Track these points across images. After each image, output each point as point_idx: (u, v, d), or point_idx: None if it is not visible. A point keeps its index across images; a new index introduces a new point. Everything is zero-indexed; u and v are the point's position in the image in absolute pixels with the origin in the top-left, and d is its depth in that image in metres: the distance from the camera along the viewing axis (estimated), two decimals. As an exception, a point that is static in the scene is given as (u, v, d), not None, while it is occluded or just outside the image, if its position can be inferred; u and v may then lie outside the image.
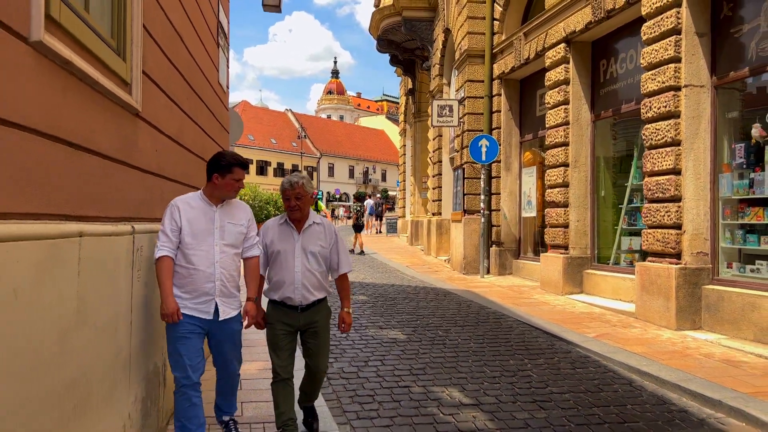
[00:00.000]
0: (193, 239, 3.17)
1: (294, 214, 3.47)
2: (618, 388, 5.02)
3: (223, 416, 3.60)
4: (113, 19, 2.83)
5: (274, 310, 3.58)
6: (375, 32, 18.23)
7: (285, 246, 3.49)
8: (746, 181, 6.66)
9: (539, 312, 8.07)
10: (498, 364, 5.62)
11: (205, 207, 3.28)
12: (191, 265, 3.16)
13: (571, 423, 4.20)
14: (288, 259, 3.48)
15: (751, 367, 5.39)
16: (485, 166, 11.84)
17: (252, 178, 50.50)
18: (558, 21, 9.62)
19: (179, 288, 3.15)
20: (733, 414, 4.37)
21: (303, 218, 3.52)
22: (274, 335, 3.54)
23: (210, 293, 3.21)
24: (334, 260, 3.63)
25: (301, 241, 3.51)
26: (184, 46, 4.32)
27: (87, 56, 2.37)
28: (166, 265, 3.10)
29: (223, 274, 3.26)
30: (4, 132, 1.75)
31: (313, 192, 3.56)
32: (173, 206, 3.20)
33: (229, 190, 3.31)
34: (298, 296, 3.49)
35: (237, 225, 3.36)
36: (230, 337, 3.41)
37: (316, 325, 3.59)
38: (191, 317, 3.17)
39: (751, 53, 6.58)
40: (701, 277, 6.90)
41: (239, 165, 3.32)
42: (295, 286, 3.47)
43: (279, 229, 3.56)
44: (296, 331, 3.58)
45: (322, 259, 3.56)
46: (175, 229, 3.14)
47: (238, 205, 3.47)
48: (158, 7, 3.51)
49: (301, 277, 3.48)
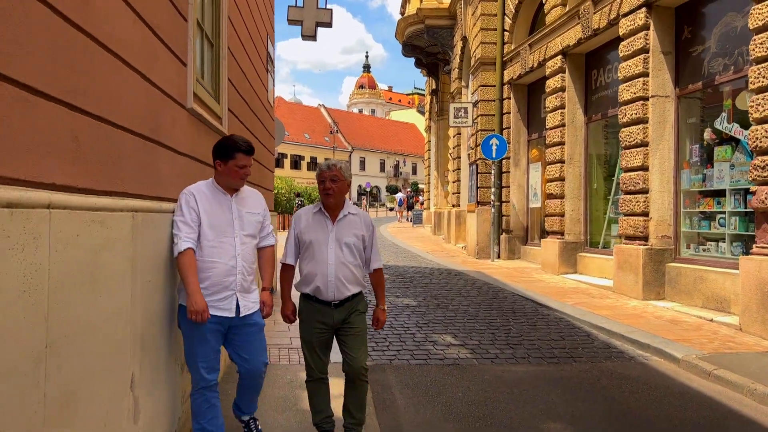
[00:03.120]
0: (212, 230, 2.93)
1: (329, 198, 3.24)
2: (576, 337, 6.51)
3: (243, 415, 3.37)
4: (213, 79, 4.46)
5: (306, 305, 3.35)
6: (401, 38, 19.77)
7: (318, 236, 3.27)
8: (700, 176, 8.00)
9: (534, 287, 9.54)
10: (486, 322, 7.16)
11: (220, 196, 3.05)
12: (211, 259, 2.92)
13: (530, 356, 5.73)
14: (321, 250, 3.25)
15: (688, 324, 6.80)
16: (495, 162, 13.29)
17: (286, 172, 52.67)
18: (556, 36, 11.00)
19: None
20: (656, 353, 5.83)
21: (338, 206, 3.30)
22: (307, 333, 3.35)
23: (231, 288, 2.97)
24: (368, 253, 3.41)
25: (336, 231, 3.27)
26: (248, 82, 5.97)
27: (205, 108, 4.01)
28: (189, 258, 2.83)
29: (244, 267, 3.04)
30: (173, 155, 3.37)
31: (350, 179, 3.33)
32: (187, 194, 2.95)
33: (233, 178, 3.05)
34: (331, 290, 3.24)
35: (254, 214, 3.17)
36: (254, 334, 3.15)
37: (352, 322, 3.33)
38: (211, 316, 2.90)
39: (704, 69, 7.90)
40: (665, 256, 8.28)
41: (243, 150, 3.04)
42: (329, 279, 3.23)
43: (312, 218, 3.33)
44: (331, 328, 3.34)
45: (357, 251, 3.32)
46: (195, 219, 2.89)
47: (252, 193, 3.26)
48: (236, 63, 5.15)
49: (335, 269, 3.23)
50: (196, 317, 2.81)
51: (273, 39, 8.30)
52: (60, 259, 1.77)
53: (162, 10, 2.99)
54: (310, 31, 8.85)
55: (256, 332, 3.16)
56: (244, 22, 5.73)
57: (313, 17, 8.83)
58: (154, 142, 2.83)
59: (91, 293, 2.03)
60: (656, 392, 4.74)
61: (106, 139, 2.23)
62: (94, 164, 2.13)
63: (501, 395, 4.60)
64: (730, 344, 5.93)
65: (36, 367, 1.64)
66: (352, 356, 3.31)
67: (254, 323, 3.14)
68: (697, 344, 5.88)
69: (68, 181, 1.91)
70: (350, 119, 76.65)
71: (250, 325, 3.12)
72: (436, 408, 4.30)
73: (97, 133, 2.16)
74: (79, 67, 2.01)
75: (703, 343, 5.95)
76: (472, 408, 4.30)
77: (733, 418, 4.23)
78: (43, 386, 1.68)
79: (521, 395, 4.60)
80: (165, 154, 3.07)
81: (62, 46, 1.88)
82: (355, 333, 3.34)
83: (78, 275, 1.93)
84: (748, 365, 5.19)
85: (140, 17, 2.62)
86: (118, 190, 2.34)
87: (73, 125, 1.96)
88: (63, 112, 1.89)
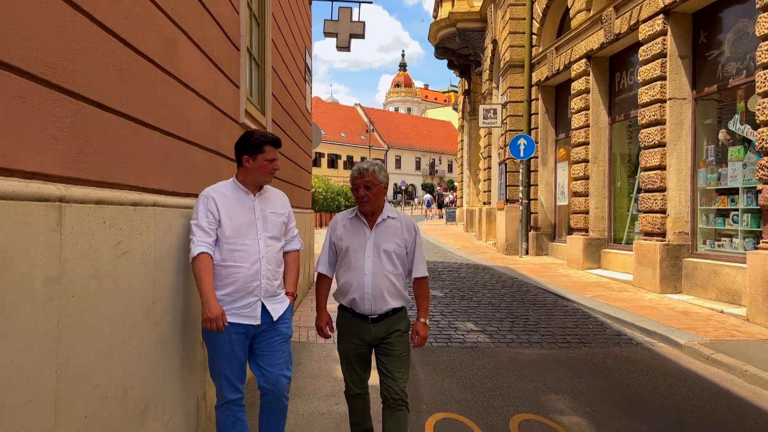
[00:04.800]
0: (234, 233, 2.75)
1: (364, 206, 2.99)
2: (590, 326, 7.01)
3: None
4: (259, 94, 5.18)
5: (343, 317, 3.12)
6: (433, 41, 20.34)
7: (354, 243, 3.02)
8: (716, 175, 8.36)
9: (556, 281, 10.01)
10: (507, 312, 7.71)
11: (241, 196, 2.86)
12: (234, 263, 2.75)
13: (544, 341, 6.27)
14: (358, 259, 3.00)
15: (698, 315, 7.21)
16: (523, 162, 13.75)
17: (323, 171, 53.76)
18: (580, 40, 11.41)
19: (219, 291, 2.73)
20: (662, 340, 6.29)
21: (375, 212, 3.04)
22: (344, 347, 3.12)
23: (256, 294, 2.79)
24: (411, 260, 3.12)
25: (374, 238, 3.01)
26: (289, 94, 6.69)
27: (254, 121, 4.71)
28: (205, 263, 2.67)
29: (269, 271, 2.85)
30: (229, 162, 4.07)
31: (386, 181, 3.04)
32: (206, 197, 2.77)
33: (263, 173, 2.86)
34: (368, 303, 2.98)
35: (279, 215, 2.97)
36: (278, 344, 2.92)
37: (393, 343, 3.04)
38: (233, 325, 2.74)
39: (719, 73, 8.26)
40: (682, 252, 8.66)
41: (271, 143, 2.88)
42: (365, 290, 2.97)
43: (349, 224, 3.09)
44: (369, 345, 3.08)
45: (398, 259, 3.04)
46: (213, 222, 2.72)
47: (276, 193, 3.08)
48: (278, 79, 5.86)
49: (373, 280, 2.97)
50: (211, 325, 2.63)
51: (311, 51, 9.02)
52: (159, 241, 2.48)
53: (222, 45, 3.69)
54: (344, 42, 9.56)
55: (280, 342, 2.92)
56: (285, 41, 6.45)
57: (347, 30, 9.53)
58: (217, 154, 3.54)
59: (177, 269, 2.74)
60: (654, 372, 5.24)
61: (185, 155, 2.95)
62: (179, 174, 2.85)
63: (512, 372, 5.18)
64: (734, 333, 6.34)
65: (147, 315, 2.35)
66: (390, 382, 3.00)
67: (279, 332, 2.92)
68: (702, 332, 6.32)
69: (163, 186, 2.62)
70: (386, 118, 77.42)
71: (276, 333, 2.90)
72: (452, 381, 4.92)
73: (180, 150, 2.88)
74: (168, 101, 2.71)
75: (708, 331, 6.38)
76: (484, 381, 4.90)
77: (720, 395, 4.71)
78: (154, 329, 2.40)
79: (530, 373, 5.18)
80: (224, 163, 3.77)
81: (158, 88, 2.59)
82: (395, 356, 3.03)
83: (168, 254, 2.63)
84: (745, 351, 5.62)
85: (207, 55, 3.32)
86: (194, 192, 3.03)
87: (165, 146, 2.67)
88: (159, 136, 2.59)
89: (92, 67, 1.93)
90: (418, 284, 3.16)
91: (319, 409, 4.01)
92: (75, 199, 1.72)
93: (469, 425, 3.95)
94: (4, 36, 1.45)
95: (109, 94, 2.06)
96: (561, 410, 4.30)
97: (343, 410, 3.97)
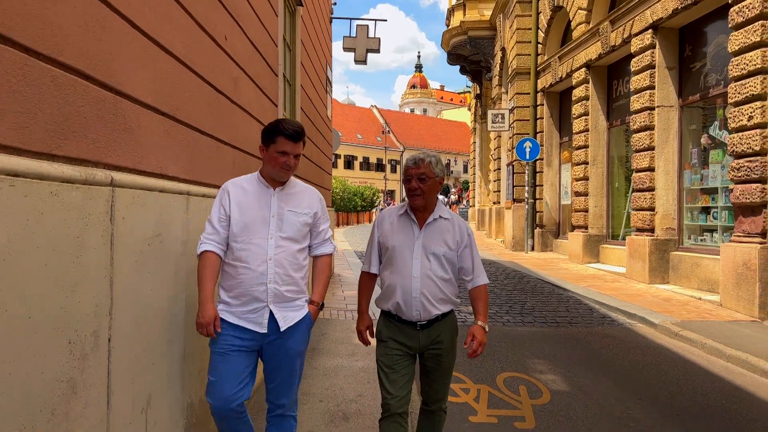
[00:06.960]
0: (243, 230, 2.56)
1: (415, 200, 2.77)
2: (580, 310, 7.90)
3: None
4: (291, 108, 6.16)
5: (386, 323, 2.89)
6: (446, 48, 21.27)
7: (401, 243, 2.80)
8: (699, 176, 9.19)
9: (556, 274, 10.89)
10: (507, 298, 8.63)
11: (261, 190, 2.65)
12: (240, 263, 2.55)
13: (536, 321, 7.18)
14: (405, 260, 2.78)
15: (677, 302, 8.06)
16: (529, 164, 14.62)
17: (340, 171, 54.84)
18: (580, 50, 12.27)
19: (226, 291, 2.59)
20: (640, 321, 7.17)
21: (427, 209, 2.82)
22: (386, 356, 2.84)
23: (261, 299, 2.55)
24: (468, 266, 2.88)
25: (423, 238, 2.79)
26: (313, 107, 7.68)
27: (287, 132, 5.70)
28: (208, 261, 2.53)
29: (278, 274, 2.57)
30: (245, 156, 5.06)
31: (442, 176, 2.82)
32: (223, 189, 2.63)
33: (273, 166, 2.60)
34: (415, 309, 2.76)
35: (299, 214, 2.67)
36: (285, 359, 2.65)
37: (439, 347, 2.84)
38: (239, 329, 2.55)
39: (702, 83, 9.09)
40: (669, 246, 9.50)
41: (285, 134, 2.58)
42: (412, 295, 2.75)
43: (397, 221, 2.86)
44: (415, 354, 2.87)
45: (448, 263, 2.82)
46: (223, 218, 2.56)
47: (304, 190, 2.79)
48: (305, 94, 6.85)
49: (420, 284, 2.75)
50: (202, 330, 2.47)
51: (331, 65, 10.01)
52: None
53: (267, 75, 4.68)
54: (361, 56, 10.54)
55: (283, 359, 2.64)
56: (311, 61, 7.44)
57: (363, 45, 10.51)
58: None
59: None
60: (627, 344, 6.13)
61: (244, 161, 3.94)
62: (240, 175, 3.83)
63: (503, 344, 6.10)
64: (706, 315, 7.20)
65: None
66: (433, 393, 2.92)
67: (284, 348, 2.62)
68: (677, 315, 7.18)
69: (232, 185, 3.61)
70: (402, 119, 78.33)
71: (280, 348, 2.62)
72: (452, 350, 5.85)
73: (241, 158, 3.86)
74: (233, 122, 3.70)
75: (682, 314, 7.24)
76: (479, 350, 5.83)
77: (680, 361, 5.59)
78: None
79: (519, 344, 6.10)
80: (267, 167, 4.76)
81: (226, 114, 3.58)
82: (443, 369, 2.88)
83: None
84: (709, 329, 6.49)
85: (257, 85, 4.31)
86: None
87: (232, 155, 3.66)
88: (229, 148, 3.58)
89: (196, 107, 2.92)
90: (475, 292, 2.90)
91: (342, 364, 4.97)
92: (194, 193, 2.72)
93: (462, 378, 4.89)
94: (165, 98, 2.44)
95: (204, 123, 3.04)
96: (540, 370, 5.23)
97: (360, 365, 4.94)
